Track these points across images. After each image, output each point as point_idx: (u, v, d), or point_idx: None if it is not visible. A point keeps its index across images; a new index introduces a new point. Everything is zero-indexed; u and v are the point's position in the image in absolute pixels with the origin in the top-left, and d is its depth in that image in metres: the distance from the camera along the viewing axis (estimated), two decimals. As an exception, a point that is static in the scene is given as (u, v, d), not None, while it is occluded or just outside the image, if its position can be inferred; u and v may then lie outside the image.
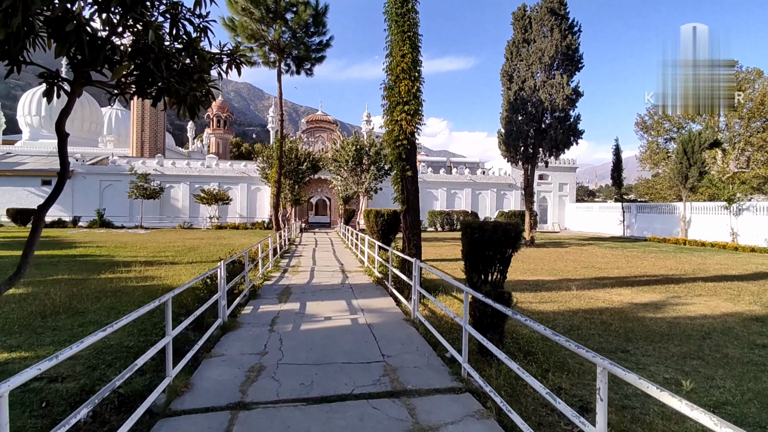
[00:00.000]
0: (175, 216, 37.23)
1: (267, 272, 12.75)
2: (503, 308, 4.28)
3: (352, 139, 23.40)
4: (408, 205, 9.85)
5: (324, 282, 11.18)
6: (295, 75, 25.39)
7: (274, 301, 8.78)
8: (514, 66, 29.68)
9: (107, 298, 8.85)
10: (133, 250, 18.79)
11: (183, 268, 13.60)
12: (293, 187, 29.20)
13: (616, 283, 12.11)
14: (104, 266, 13.72)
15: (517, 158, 30.40)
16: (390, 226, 15.62)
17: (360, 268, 13.97)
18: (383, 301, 8.94)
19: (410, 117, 9.70)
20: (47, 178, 36.00)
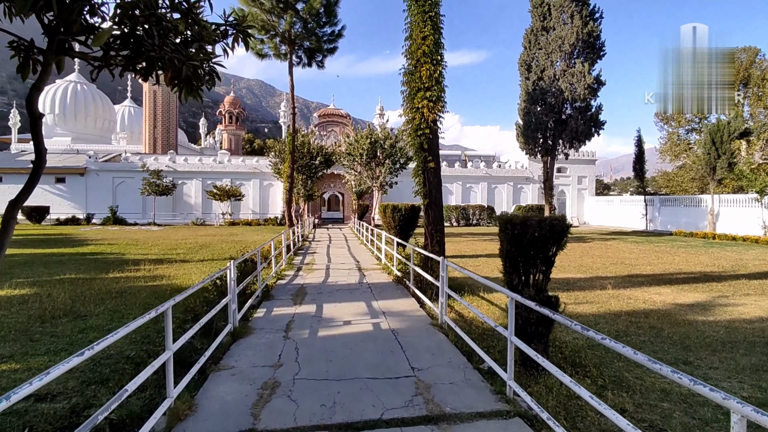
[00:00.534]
0: (187, 212, 37.02)
1: (280, 270, 12.18)
2: (553, 314, 3.60)
3: (366, 132, 22.69)
4: (430, 198, 9.17)
5: (340, 281, 10.56)
6: (307, 67, 24.78)
7: (288, 303, 8.18)
8: (532, 55, 28.69)
9: (112, 300, 8.34)
10: (144, 248, 18.41)
11: (194, 266, 13.11)
12: (306, 182, 28.64)
13: (652, 281, 11.29)
14: (113, 265, 13.30)
15: (535, 150, 29.49)
16: (408, 222, 14.95)
17: (377, 266, 13.34)
18: (405, 302, 8.29)
19: (432, 104, 9.00)
20: (61, 176, 36.02)
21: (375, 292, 9.15)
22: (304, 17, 22.06)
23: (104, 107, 55.68)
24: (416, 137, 9.20)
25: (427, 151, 9.09)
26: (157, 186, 33.67)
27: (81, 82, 54.46)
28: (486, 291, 9.32)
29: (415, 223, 15.36)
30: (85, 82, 55.07)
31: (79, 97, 52.83)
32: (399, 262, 11.50)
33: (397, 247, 11.60)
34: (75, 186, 36.05)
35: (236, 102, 77.12)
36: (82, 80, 55.08)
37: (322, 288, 9.69)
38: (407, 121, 9.48)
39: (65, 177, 35.99)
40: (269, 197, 38.44)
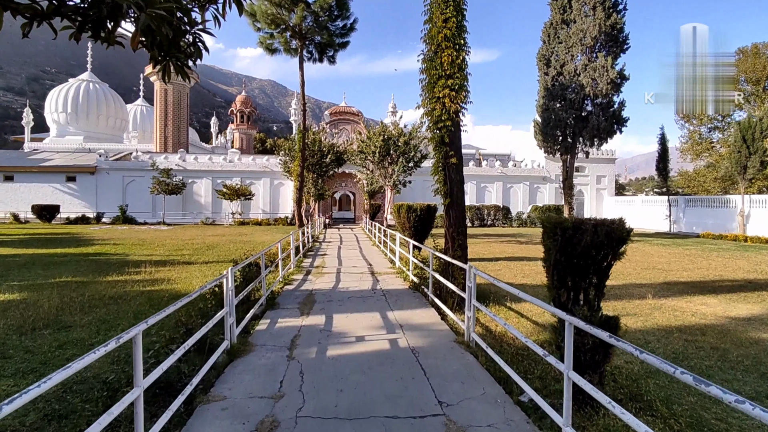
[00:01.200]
0: (197, 212, 36.58)
1: (288, 274, 11.42)
2: (618, 341, 2.75)
3: (379, 129, 21.84)
4: (452, 198, 8.30)
5: (352, 287, 9.75)
6: (318, 63, 24.05)
7: (295, 313, 7.39)
8: (551, 49, 27.60)
9: (103, 308, 7.63)
10: (149, 248, 17.83)
11: (197, 269, 12.41)
12: (317, 181, 27.89)
13: (693, 289, 10.29)
14: (114, 266, 12.67)
15: (554, 149, 28.44)
16: (423, 223, 14.10)
17: (391, 270, 12.52)
18: (424, 313, 7.44)
19: (454, 93, 8.14)
20: (72, 175, 35.82)
21: (390, 301, 8.32)
22: (315, 10, 21.32)
23: (116, 106, 55.67)
24: (436, 130, 8.34)
25: (448, 145, 8.23)
26: (166, 185, 33.25)
27: (93, 81, 54.49)
28: (513, 300, 8.43)
29: (431, 225, 14.51)
30: (97, 81, 55.13)
31: (91, 96, 52.85)
32: (415, 267, 10.66)
33: (412, 250, 10.76)
34: (85, 185, 35.83)
35: (248, 101, 76.87)
36: (95, 79, 55.13)
37: (333, 295, 8.88)
38: (426, 113, 8.62)
39: (76, 176, 35.78)
40: (279, 196, 37.84)
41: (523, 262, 14.75)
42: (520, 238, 25.92)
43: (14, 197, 35.13)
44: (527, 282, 10.96)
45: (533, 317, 7.47)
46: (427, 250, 9.13)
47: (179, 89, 47.09)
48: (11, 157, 38.10)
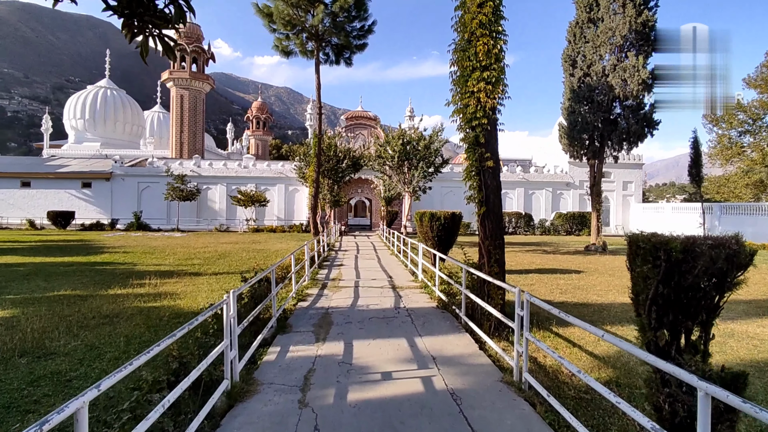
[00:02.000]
0: (212, 218, 36.09)
1: (302, 288, 10.50)
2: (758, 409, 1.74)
3: (398, 133, 20.87)
4: (488, 206, 7.28)
5: (373, 305, 8.77)
6: (334, 65, 23.25)
7: (309, 338, 6.43)
8: (577, 49, 26.37)
9: (94, 329, 6.79)
10: (160, 257, 17.14)
11: (205, 281, 11.58)
12: (332, 187, 27.02)
13: (760, 310, 9.06)
14: (119, 278, 11.93)
15: (580, 153, 27.14)
16: (448, 232, 13.07)
17: (413, 283, 11.51)
18: (458, 340, 6.41)
19: (491, 87, 7.14)
20: (87, 181, 35.70)
21: (417, 324, 7.31)
22: (334, 11, 20.54)
23: (133, 112, 55.95)
24: (469, 129, 7.35)
25: (483, 146, 7.22)
26: (180, 191, 32.82)
27: (111, 88, 54.89)
28: (559, 324, 7.35)
29: (456, 234, 13.48)
30: (115, 87, 55.52)
31: (108, 102, 53.18)
32: (442, 282, 9.64)
33: (438, 263, 9.74)
34: (101, 191, 35.66)
35: (263, 107, 76.88)
36: (113, 86, 55.52)
37: (351, 315, 7.91)
38: (457, 110, 7.64)
39: (91, 182, 35.63)
40: (294, 203, 37.15)
41: (556, 275, 13.59)
42: (546, 247, 24.66)
43: (31, 203, 35.12)
44: (567, 299, 9.85)
45: (586, 345, 6.39)
46: (459, 264, 8.11)
47: (195, 95, 46.96)
48: (29, 164, 38.24)
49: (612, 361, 5.76)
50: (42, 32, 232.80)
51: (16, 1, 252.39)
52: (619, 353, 6.03)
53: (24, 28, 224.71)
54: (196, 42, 47.21)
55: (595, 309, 8.94)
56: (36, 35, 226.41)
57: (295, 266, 9.57)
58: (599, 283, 12.22)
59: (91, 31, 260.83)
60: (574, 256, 19.89)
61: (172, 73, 46.14)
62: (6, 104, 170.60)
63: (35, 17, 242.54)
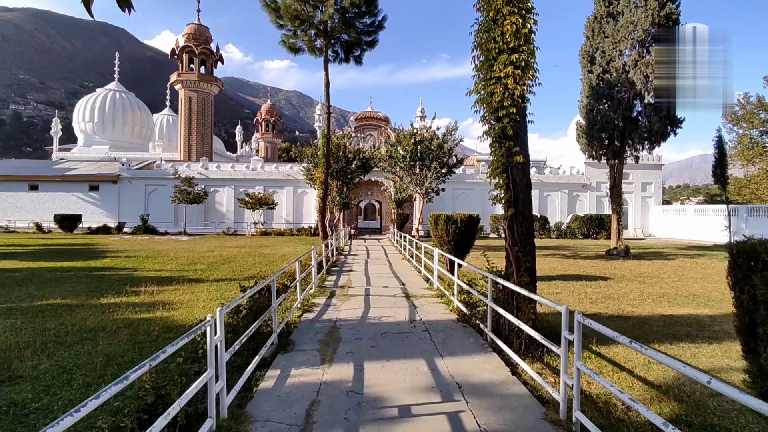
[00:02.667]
0: (219, 221, 35.52)
1: (309, 297, 9.69)
2: None
3: (410, 132, 19.93)
4: (516, 208, 6.41)
5: (385, 316, 7.93)
6: (344, 63, 22.53)
7: (313, 358, 5.61)
8: (596, 45, 25.37)
9: (73, 346, 6.04)
10: (162, 262, 16.47)
11: (205, 289, 10.83)
12: (341, 189, 26.20)
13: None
14: (115, 285, 11.24)
15: (599, 153, 26.09)
16: (465, 236, 12.19)
17: (428, 291, 10.65)
18: (486, 362, 5.54)
19: (520, 72, 6.28)
20: (95, 184, 35.37)
21: (437, 340, 6.45)
22: (344, 6, 19.82)
23: (142, 115, 55.78)
24: (495, 120, 6.49)
25: (512, 139, 6.35)
26: (188, 194, 32.29)
27: (120, 91, 54.81)
28: (600, 342, 6.43)
29: (473, 238, 12.59)
30: (123, 90, 55.43)
31: (117, 105, 53.06)
32: (461, 291, 8.78)
33: (457, 270, 8.88)
34: (108, 194, 35.31)
35: (273, 110, 76.61)
36: (122, 89, 55.45)
37: (362, 329, 7.07)
38: (480, 99, 6.78)
39: (99, 185, 35.31)
40: (303, 206, 36.47)
41: (582, 282, 12.63)
42: (564, 251, 23.63)
43: (39, 206, 34.86)
44: (599, 310, 8.91)
45: (636, 368, 5.47)
46: (482, 273, 7.26)
47: (203, 97, 46.58)
48: (37, 167, 38.08)
49: (671, 390, 4.85)
50: (57, 39, 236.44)
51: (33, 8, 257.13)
52: (678, 379, 5.11)
53: (40, 35, 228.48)
54: (204, 44, 46.88)
55: (634, 323, 7.99)
56: (51, 42, 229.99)
57: (300, 273, 8.76)
58: (630, 291, 11.24)
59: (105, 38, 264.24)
60: (596, 260, 18.86)
61: (180, 75, 45.83)
62: (22, 110, 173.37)
63: (51, 24, 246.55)
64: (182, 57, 46.25)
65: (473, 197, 36.65)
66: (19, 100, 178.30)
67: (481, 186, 36.88)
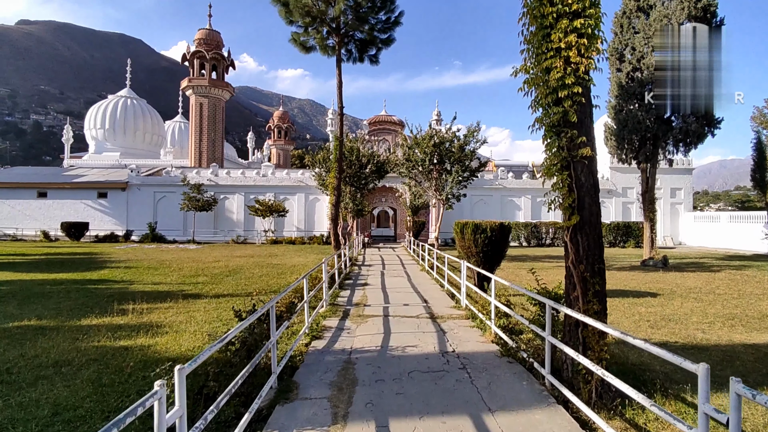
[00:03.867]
0: (229, 229, 34.48)
1: (319, 318, 8.38)
2: None
3: (428, 133, 18.47)
4: (582, 214, 5.02)
5: (410, 346, 6.56)
6: (358, 62, 21.32)
7: (322, 413, 4.25)
8: (625, 41, 23.84)
9: (20, 390, 4.79)
10: (163, 274, 15.33)
11: (203, 307, 9.58)
12: (355, 195, 24.89)
13: None
14: (104, 301, 10.09)
15: (629, 156, 24.46)
16: (495, 247, 10.78)
17: (456, 311, 9.27)
18: (550, 418, 4.13)
19: (585, 41, 4.93)
20: (103, 191, 34.67)
21: (479, 383, 5.05)
22: (358, 1, 18.65)
23: (153, 122, 55.35)
24: (554, 103, 5.12)
25: (575, 127, 4.99)
26: (197, 201, 31.34)
27: (131, 97, 54.54)
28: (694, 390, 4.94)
29: (505, 250, 11.18)
30: (135, 97, 55.16)
31: (128, 112, 52.69)
32: (498, 312, 7.38)
33: (492, 287, 7.49)
34: (116, 201, 34.57)
35: (285, 116, 76.03)
36: (133, 95, 55.19)
37: (383, 364, 5.70)
38: (530, 80, 5.42)
39: (107, 192, 34.58)
40: (315, 213, 35.29)
41: (630, 299, 11.10)
42: (594, 261, 21.86)
43: (47, 214, 34.24)
44: (667, 338, 7.42)
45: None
46: (529, 294, 5.88)
47: (215, 102, 45.91)
48: (46, 174, 37.60)
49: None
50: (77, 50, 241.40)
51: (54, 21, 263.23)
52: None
53: (60, 46, 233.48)
54: (215, 49, 46.30)
55: (717, 355, 6.49)
56: (71, 53, 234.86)
57: (309, 292, 7.43)
58: (691, 311, 9.67)
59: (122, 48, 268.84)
60: (634, 272, 17.24)
61: (192, 80, 45.24)
62: (42, 119, 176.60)
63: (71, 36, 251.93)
64: (193, 62, 45.70)
65: (492, 204, 35.09)
66: (39, 110, 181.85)
67: (500, 192, 35.32)
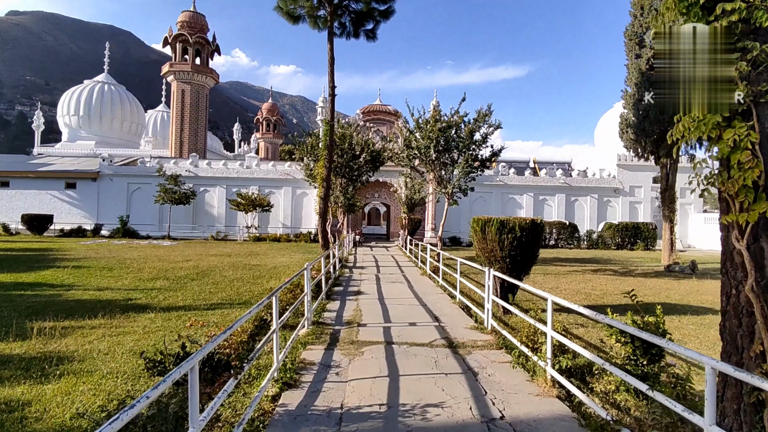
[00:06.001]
0: (209, 225, 31.82)
1: (298, 345, 6.05)
2: None
3: (433, 115, 15.87)
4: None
5: (432, 404, 4.27)
6: (352, 38, 18.95)
7: None
8: (646, 24, 21.73)
9: None
10: (117, 276, 12.84)
11: (143, 325, 7.19)
12: (346, 187, 22.33)
13: None
14: (16, 315, 7.64)
15: (647, 150, 22.41)
16: (525, 250, 8.52)
17: (478, 332, 7.07)
18: None
19: None
20: (72, 181, 31.79)
21: None
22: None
23: (132, 109, 51.89)
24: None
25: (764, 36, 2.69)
26: (173, 193, 28.67)
27: (109, 83, 51.09)
28: None
29: (536, 253, 8.89)
30: (113, 82, 51.71)
31: (105, 98, 49.26)
32: (558, 348, 5.11)
33: (550, 309, 5.22)
34: (86, 192, 31.70)
35: (274, 109, 73.22)
36: (111, 81, 51.79)
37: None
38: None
39: (76, 182, 31.70)
40: (303, 208, 32.77)
41: (687, 317, 8.92)
42: (609, 265, 19.87)
43: (9, 205, 31.30)
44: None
45: None
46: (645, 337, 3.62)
47: (198, 89, 43.08)
48: (10, 162, 34.52)
49: None
50: (64, 41, 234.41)
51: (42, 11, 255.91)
52: None
53: (47, 37, 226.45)
54: (200, 32, 43.39)
55: None
56: (59, 44, 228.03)
57: (277, 321, 5.05)
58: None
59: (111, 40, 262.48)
60: (663, 280, 15.10)
61: (173, 65, 42.35)
62: (27, 111, 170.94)
63: (58, 27, 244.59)
64: (176, 46, 42.76)
65: (492, 201, 32.88)
66: (25, 101, 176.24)
67: (501, 189, 33.12)
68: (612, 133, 41.20)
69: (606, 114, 41.50)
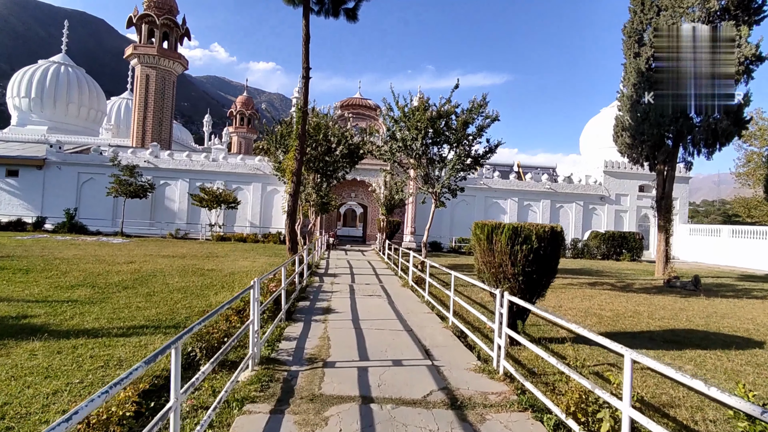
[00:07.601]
0: (168, 221, 29.06)
1: (234, 401, 3.96)
2: None
3: (421, 103, 13.72)
4: None
5: None
6: (331, 17, 16.88)
7: None
8: (647, 21, 20.52)
9: None
10: (34, 279, 10.46)
11: (16, 365, 4.95)
12: (320, 184, 20.01)
13: None
14: None
15: (643, 155, 21.23)
16: (543, 263, 6.67)
17: (485, 377, 5.19)
18: None
19: None
20: (14, 168, 28.51)
21: None
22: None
23: (91, 94, 47.86)
24: None
25: None
26: (128, 185, 25.89)
27: (67, 64, 46.96)
28: None
29: (556, 266, 7.06)
30: (71, 64, 47.57)
31: (61, 80, 45.19)
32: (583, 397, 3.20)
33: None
34: (30, 181, 28.48)
35: (249, 102, 70.14)
36: (69, 62, 47.74)
37: None
38: None
39: (18, 169, 28.46)
40: (273, 206, 30.37)
41: (718, 352, 7.24)
42: (603, 277, 18.42)
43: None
44: None
45: None
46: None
47: (164, 75, 39.99)
48: (-57, 145, 30.91)
49: None
50: (33, 26, 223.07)
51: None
52: None
53: (14, 20, 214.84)
54: (168, 14, 40.27)
55: None
56: (26, 29, 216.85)
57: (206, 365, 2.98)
58: None
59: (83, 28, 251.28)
60: (669, 297, 13.58)
61: (137, 48, 39.12)
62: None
63: (26, 10, 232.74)
64: (141, 27, 39.55)
65: (475, 205, 31.23)
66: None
67: (484, 193, 31.50)
68: (598, 139, 40.33)
69: (592, 120, 40.54)
